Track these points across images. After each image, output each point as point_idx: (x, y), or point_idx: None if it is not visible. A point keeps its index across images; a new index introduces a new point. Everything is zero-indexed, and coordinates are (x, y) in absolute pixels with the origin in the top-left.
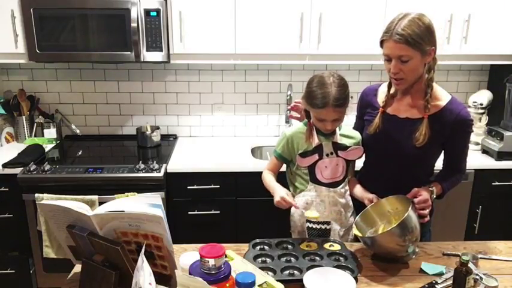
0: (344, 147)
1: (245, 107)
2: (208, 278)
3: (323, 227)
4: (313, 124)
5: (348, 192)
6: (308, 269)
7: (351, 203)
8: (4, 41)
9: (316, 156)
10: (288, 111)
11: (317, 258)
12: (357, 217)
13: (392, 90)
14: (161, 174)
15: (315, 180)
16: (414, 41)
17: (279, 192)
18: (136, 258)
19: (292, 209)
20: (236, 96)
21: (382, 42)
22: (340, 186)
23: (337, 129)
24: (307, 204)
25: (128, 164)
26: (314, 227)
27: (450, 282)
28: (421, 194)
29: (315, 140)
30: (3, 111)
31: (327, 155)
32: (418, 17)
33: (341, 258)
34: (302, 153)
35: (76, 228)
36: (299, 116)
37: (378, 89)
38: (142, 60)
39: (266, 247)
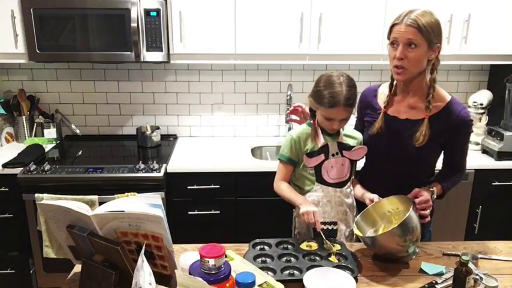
0: (349, 147)
1: (245, 107)
2: (208, 278)
3: (330, 227)
4: (318, 124)
5: (353, 192)
6: (308, 269)
7: (355, 203)
8: (4, 41)
9: (322, 156)
10: (288, 116)
11: (317, 258)
12: (358, 217)
13: (394, 91)
14: (161, 174)
15: (321, 181)
16: (425, 28)
17: (309, 205)
18: (136, 258)
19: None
20: (236, 96)
21: (391, 28)
22: (346, 186)
23: (341, 129)
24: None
25: (128, 164)
26: (321, 227)
27: (450, 282)
28: (422, 194)
29: (321, 140)
30: (3, 111)
31: (333, 155)
32: (430, 11)
33: (341, 258)
34: (309, 153)
35: (76, 228)
36: (298, 119)
37: (378, 89)
38: (142, 60)
39: (266, 247)
